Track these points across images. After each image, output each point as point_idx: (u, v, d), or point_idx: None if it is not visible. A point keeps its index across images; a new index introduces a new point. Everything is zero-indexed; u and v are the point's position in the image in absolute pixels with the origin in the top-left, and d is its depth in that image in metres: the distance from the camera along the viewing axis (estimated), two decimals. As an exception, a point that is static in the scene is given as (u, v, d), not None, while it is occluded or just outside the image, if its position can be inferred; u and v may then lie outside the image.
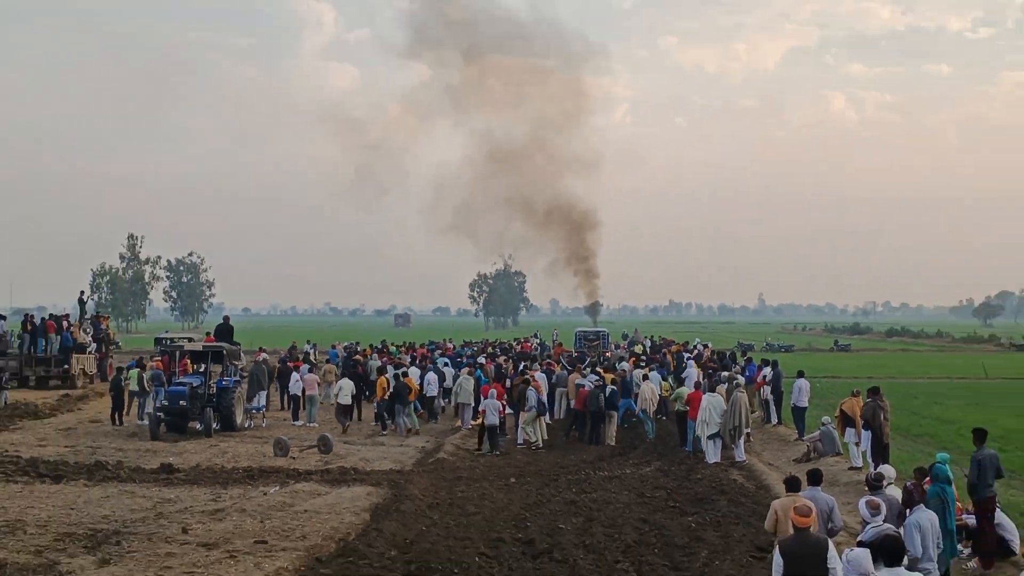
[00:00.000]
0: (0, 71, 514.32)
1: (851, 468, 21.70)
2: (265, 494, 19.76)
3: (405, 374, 32.82)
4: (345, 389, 31.03)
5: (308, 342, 59.15)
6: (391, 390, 30.39)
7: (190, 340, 35.54)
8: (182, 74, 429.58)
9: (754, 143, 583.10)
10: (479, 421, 28.14)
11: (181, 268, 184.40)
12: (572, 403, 31.22)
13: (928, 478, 13.56)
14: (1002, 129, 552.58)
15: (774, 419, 31.17)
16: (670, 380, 34.04)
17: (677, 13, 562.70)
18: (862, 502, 11.41)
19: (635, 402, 30.19)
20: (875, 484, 12.49)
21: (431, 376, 35.14)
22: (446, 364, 39.54)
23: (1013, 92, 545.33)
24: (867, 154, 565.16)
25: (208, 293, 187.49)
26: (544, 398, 30.31)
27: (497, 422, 27.14)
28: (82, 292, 54.93)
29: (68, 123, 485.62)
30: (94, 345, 46.84)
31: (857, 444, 22.12)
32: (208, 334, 40.09)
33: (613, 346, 63.54)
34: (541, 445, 28.07)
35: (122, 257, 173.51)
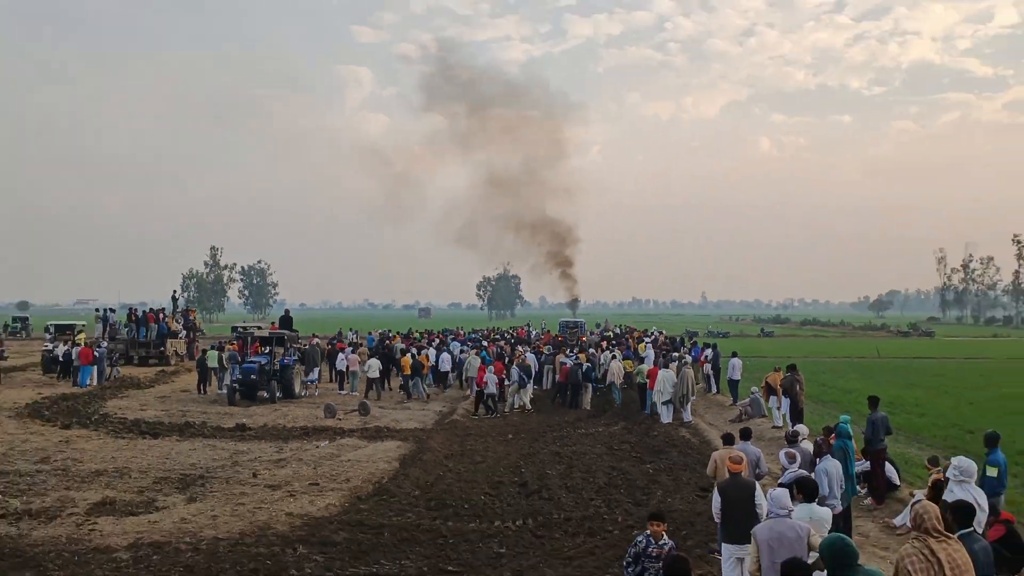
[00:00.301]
0: (128, 124, 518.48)
1: (774, 427, 22.17)
2: (317, 447, 20.19)
3: (419, 352, 34.02)
4: (373, 366, 31.53)
5: (351, 330, 60.19)
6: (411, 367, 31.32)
7: (259, 328, 36.02)
8: (256, 119, 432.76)
9: (698, 175, 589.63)
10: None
11: (252, 272, 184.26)
12: (557, 377, 31.56)
13: (833, 434, 14.31)
14: (891, 163, 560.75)
15: (714, 389, 31.76)
16: (632, 359, 34.47)
17: (639, 76, 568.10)
18: (782, 453, 11.88)
19: (606, 378, 30.66)
20: (792, 439, 13.09)
21: (445, 356, 35.84)
22: (462, 348, 39.90)
23: (898, 136, 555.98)
24: (787, 183, 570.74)
25: (273, 291, 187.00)
26: (533, 373, 30.96)
27: (496, 391, 27.60)
28: (175, 291, 55.79)
29: (168, 157, 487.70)
30: (184, 332, 47.51)
31: (778, 408, 22.63)
32: (273, 323, 40.62)
33: (589, 333, 64.12)
34: (530, 407, 28.51)
35: (206, 264, 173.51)
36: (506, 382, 28.92)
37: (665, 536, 7.62)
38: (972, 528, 6.56)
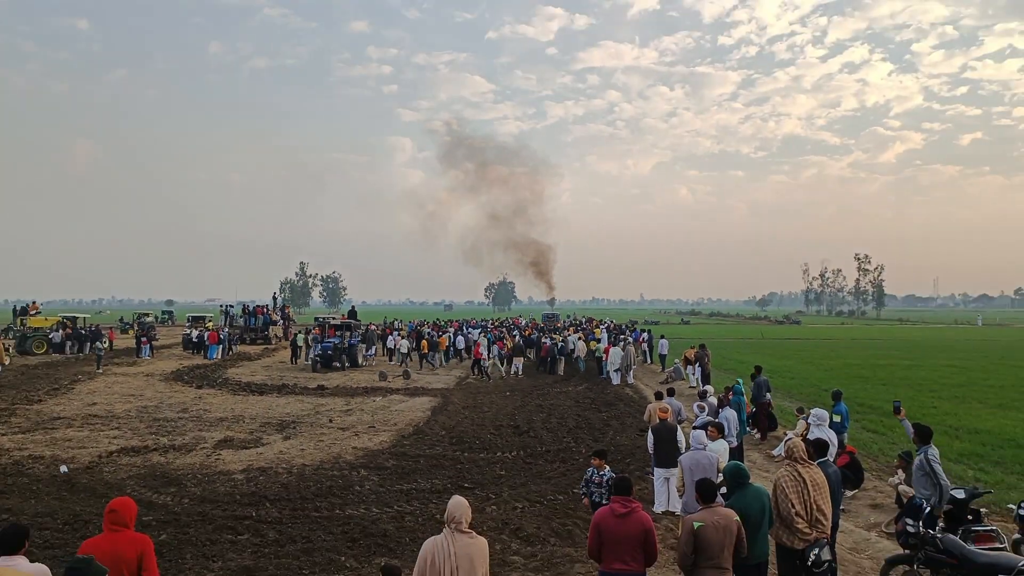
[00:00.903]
0: (252, 176, 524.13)
1: (690, 387, 21.81)
2: (374, 401, 20.12)
3: (440, 335, 34.40)
4: (403, 345, 31.73)
5: (396, 320, 59.78)
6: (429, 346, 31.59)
7: (334, 319, 36.01)
8: (333, 174, 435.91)
9: (637, 213, 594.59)
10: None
11: (328, 280, 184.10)
12: (540, 352, 31.60)
13: (731, 392, 14.51)
14: (770, 204, 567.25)
15: (648, 361, 31.43)
16: (592, 340, 34.39)
17: (595, 144, 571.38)
18: (695, 405, 11.82)
19: (574, 353, 30.59)
20: (703, 395, 12.97)
21: (460, 338, 35.71)
22: (480, 332, 39.76)
23: (775, 186, 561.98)
24: (699, 218, 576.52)
25: (344, 293, 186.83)
26: (523, 351, 31.01)
27: (490, 361, 28.18)
28: (275, 293, 56.04)
29: (274, 199, 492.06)
30: (281, 321, 47.37)
31: (693, 374, 22.54)
32: (343, 315, 40.73)
33: (562, 321, 64.46)
34: (522, 374, 28.08)
35: (296, 274, 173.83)
36: (490, 357, 29.24)
37: (606, 468, 7.49)
38: (827, 458, 6.56)
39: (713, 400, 12.91)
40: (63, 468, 11.36)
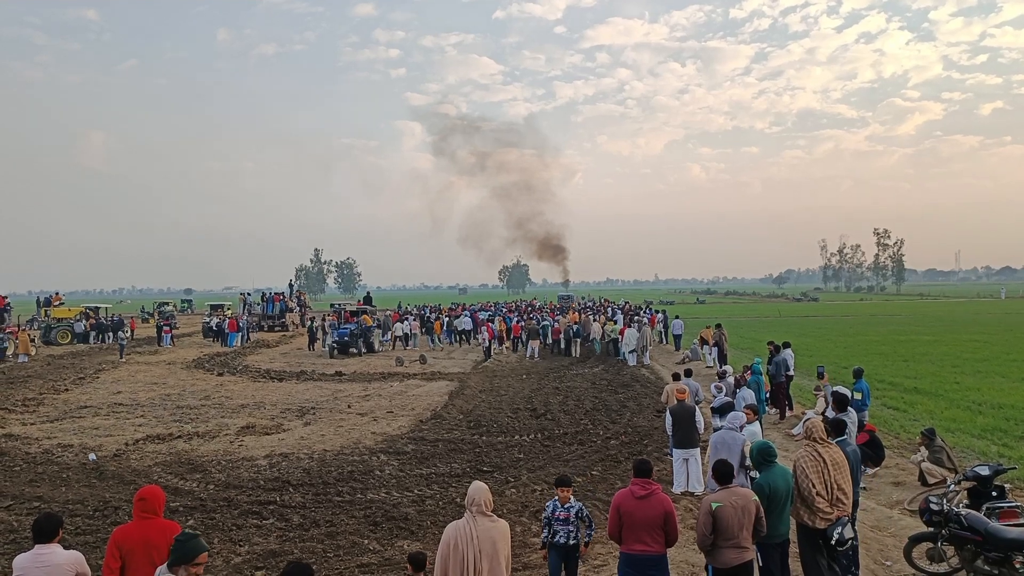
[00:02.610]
0: (262, 166, 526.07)
1: (707, 367, 21.84)
2: (391, 387, 20.15)
3: (451, 320, 35.34)
4: (398, 329, 33.27)
5: (408, 304, 59.91)
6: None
7: (350, 305, 36.43)
8: (340, 160, 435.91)
9: (649, 192, 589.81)
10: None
11: (343, 265, 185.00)
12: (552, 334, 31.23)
13: (749, 371, 14.46)
14: (786, 180, 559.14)
15: (664, 341, 31.34)
16: (611, 321, 34.36)
17: (604, 125, 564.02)
18: (712, 385, 11.86)
19: (590, 336, 30.56)
20: (722, 375, 13.06)
21: (467, 319, 35.50)
22: (489, 315, 39.85)
23: (791, 161, 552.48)
24: (712, 196, 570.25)
25: (358, 279, 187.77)
26: (540, 333, 30.98)
27: (492, 344, 28.60)
28: (291, 280, 56.49)
29: (286, 188, 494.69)
30: (298, 308, 47.69)
31: (710, 354, 22.51)
32: (359, 301, 41.04)
33: (576, 302, 64.45)
34: (538, 357, 28.03)
35: (311, 260, 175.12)
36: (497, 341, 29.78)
37: (571, 499, 5.83)
38: (845, 436, 6.54)
39: (731, 380, 12.87)
40: (92, 456, 11.60)
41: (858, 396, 10.98)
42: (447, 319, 36.50)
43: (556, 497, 5.83)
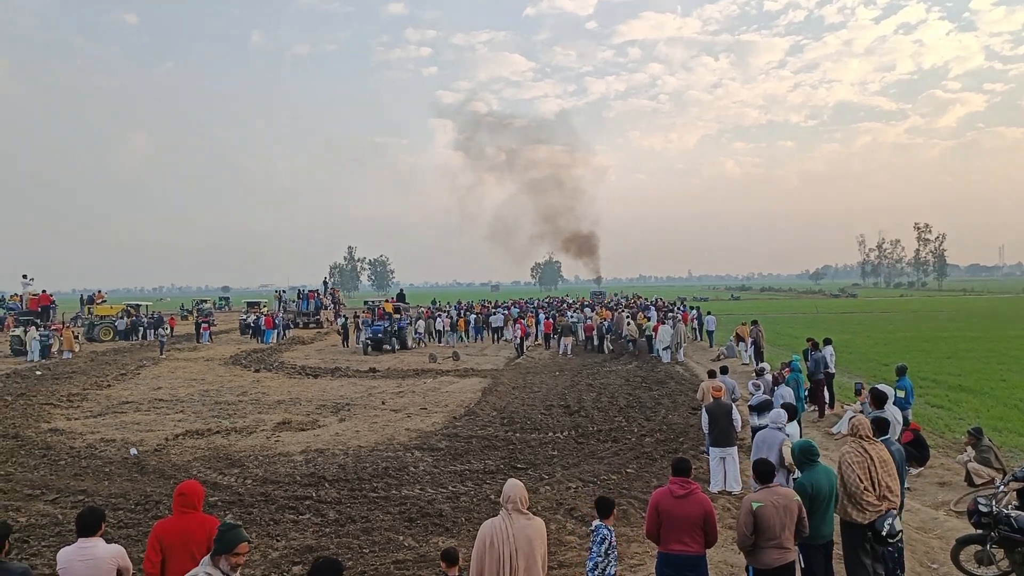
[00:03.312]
0: (296, 163, 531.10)
1: (743, 364, 21.66)
2: (425, 383, 20.27)
3: (487, 318, 35.41)
4: (422, 328, 33.85)
5: (442, 301, 60.15)
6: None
7: (385, 301, 36.72)
8: (372, 159, 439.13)
9: (683, 188, 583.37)
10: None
11: (376, 263, 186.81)
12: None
13: (788, 368, 14.16)
14: (822, 174, 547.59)
15: (698, 338, 31.16)
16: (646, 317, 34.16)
17: (636, 120, 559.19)
18: (750, 383, 11.61)
19: (624, 332, 30.41)
20: (760, 373, 12.68)
21: (499, 316, 35.82)
22: (534, 312, 39.73)
23: (828, 155, 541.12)
24: (747, 191, 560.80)
25: (391, 276, 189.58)
26: (573, 330, 30.79)
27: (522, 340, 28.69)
28: (325, 278, 57.24)
29: (321, 186, 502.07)
30: (332, 305, 48.33)
31: (746, 351, 22.14)
32: (391, 299, 41.36)
33: (608, 299, 64.38)
34: (570, 354, 27.54)
35: (345, 258, 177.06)
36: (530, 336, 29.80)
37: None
38: (888, 435, 6.36)
39: (768, 377, 12.57)
40: (133, 451, 11.85)
41: (901, 394, 10.68)
42: (475, 316, 36.65)
43: (602, 523, 5.32)
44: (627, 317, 31.64)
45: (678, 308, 37.37)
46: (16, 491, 9.66)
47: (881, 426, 6.25)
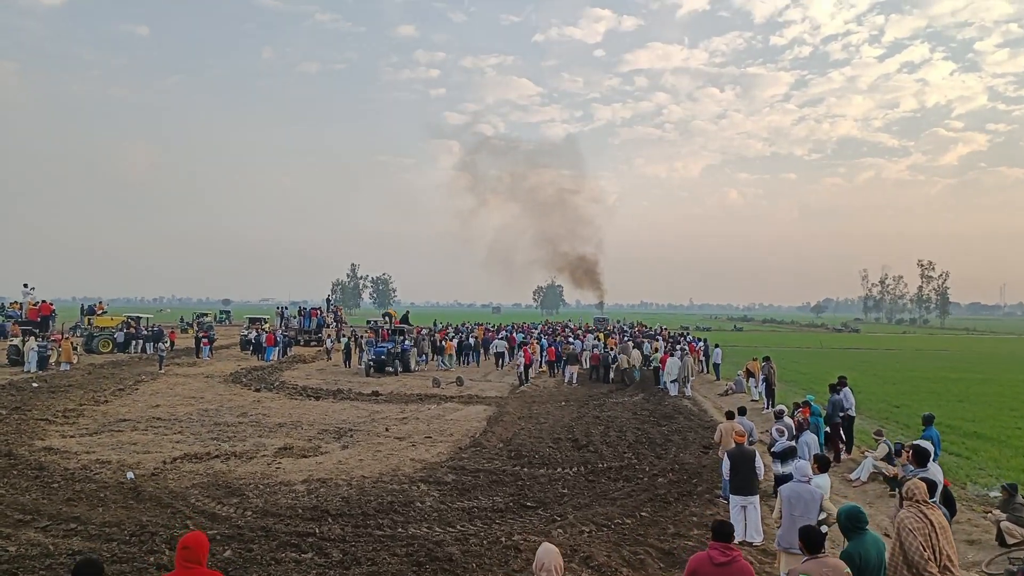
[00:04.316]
0: (283, 180, 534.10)
1: (752, 400, 21.37)
2: (429, 409, 19.86)
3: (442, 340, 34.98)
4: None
5: (443, 322, 59.72)
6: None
7: (389, 319, 36.42)
8: (374, 177, 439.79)
9: (686, 217, 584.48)
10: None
11: (378, 281, 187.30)
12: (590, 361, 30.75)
13: (805, 408, 13.66)
14: (824, 208, 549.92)
15: (704, 370, 30.79)
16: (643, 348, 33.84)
17: (641, 147, 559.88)
18: (773, 429, 10.72)
19: (624, 359, 30.09)
20: (778, 415, 12.22)
21: (502, 342, 35.34)
22: (536, 338, 39.33)
23: (830, 189, 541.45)
24: (750, 221, 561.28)
25: (393, 294, 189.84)
26: (578, 358, 30.51)
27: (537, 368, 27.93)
28: (328, 296, 56.93)
29: (324, 203, 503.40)
30: (334, 323, 47.84)
31: (756, 387, 21.68)
32: (397, 317, 41.12)
33: (611, 325, 64.30)
34: (575, 383, 27.33)
35: (348, 275, 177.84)
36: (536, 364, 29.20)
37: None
38: (935, 499, 6.01)
39: (789, 421, 12.18)
40: (129, 475, 11.45)
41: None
42: (458, 339, 36.41)
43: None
44: (631, 347, 31.34)
45: (684, 339, 37.01)
46: (6, 515, 9.26)
47: (928, 488, 5.89)
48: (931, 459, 7.55)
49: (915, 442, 8.52)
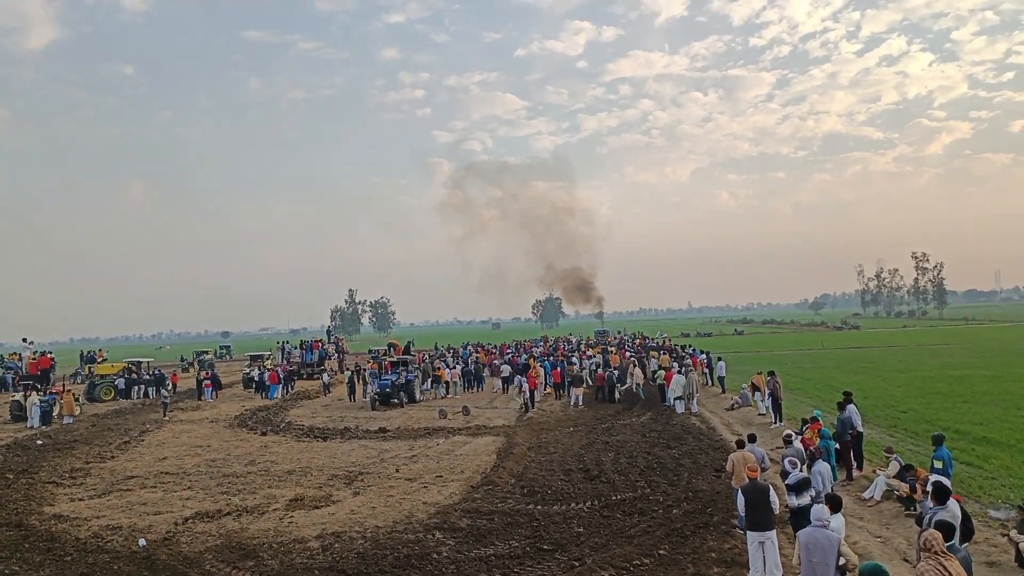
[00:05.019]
0: (278, 208, 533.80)
1: (758, 414, 21.36)
2: (437, 444, 19.72)
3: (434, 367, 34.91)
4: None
5: (442, 346, 59.56)
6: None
7: (393, 350, 36.39)
8: (369, 201, 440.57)
9: (679, 220, 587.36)
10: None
11: (377, 305, 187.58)
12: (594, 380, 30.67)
13: (813, 424, 13.60)
14: (815, 204, 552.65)
15: (709, 383, 30.76)
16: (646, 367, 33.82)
17: (630, 155, 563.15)
18: (786, 460, 10.42)
19: (628, 379, 30.20)
20: (787, 441, 11.92)
21: (506, 366, 35.10)
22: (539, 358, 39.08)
23: (819, 185, 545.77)
24: (742, 221, 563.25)
25: (392, 317, 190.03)
26: (583, 378, 30.50)
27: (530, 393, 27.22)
28: (328, 327, 57.12)
29: (318, 229, 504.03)
30: (336, 355, 47.70)
31: (762, 401, 21.56)
32: (399, 346, 41.11)
33: (612, 336, 64.48)
34: (582, 404, 27.34)
35: (346, 301, 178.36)
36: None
37: None
38: (953, 541, 6.00)
39: (799, 445, 12.12)
40: (141, 542, 11.37)
41: (939, 464, 10.32)
42: (460, 366, 36.28)
43: None
44: (634, 363, 31.34)
45: (688, 354, 37.04)
46: (21, 596, 9.19)
47: (947, 531, 5.89)
48: (950, 496, 7.48)
49: (935, 479, 8.47)
